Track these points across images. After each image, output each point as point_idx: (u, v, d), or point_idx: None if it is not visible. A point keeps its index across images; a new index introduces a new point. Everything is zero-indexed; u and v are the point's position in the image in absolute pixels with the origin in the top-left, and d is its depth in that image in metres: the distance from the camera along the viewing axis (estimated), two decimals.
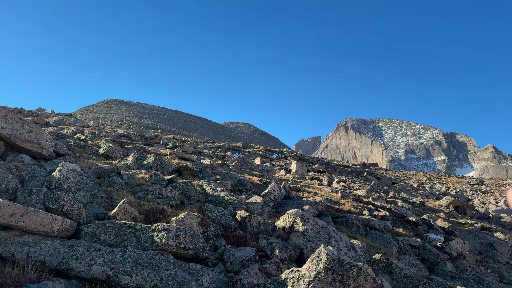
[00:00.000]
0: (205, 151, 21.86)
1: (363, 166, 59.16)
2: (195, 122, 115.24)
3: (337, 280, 4.26)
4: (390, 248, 8.18)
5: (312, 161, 43.17)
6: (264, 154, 31.37)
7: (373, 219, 10.04)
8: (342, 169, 42.41)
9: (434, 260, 8.82)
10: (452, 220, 17.77)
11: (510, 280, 10.68)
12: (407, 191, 37.82)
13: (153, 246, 4.99)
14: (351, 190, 18.21)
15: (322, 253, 4.40)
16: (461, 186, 65.15)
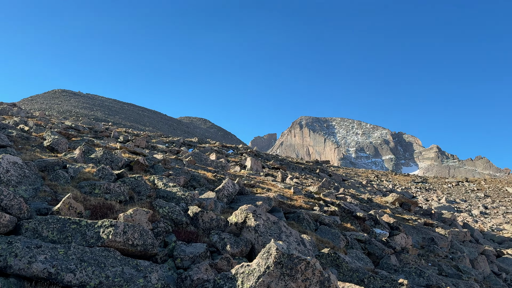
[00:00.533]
0: (159, 146, 21.40)
1: (316, 163, 60.64)
2: (149, 115, 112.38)
3: (286, 274, 4.34)
4: (338, 242, 8.45)
5: (267, 157, 43.60)
6: (219, 150, 31.25)
7: (323, 215, 10.32)
8: (296, 166, 43.22)
9: (380, 254, 9.22)
10: (397, 216, 18.67)
11: (448, 272, 11.42)
12: (357, 187, 39.27)
13: (99, 243, 4.82)
14: (303, 186, 18.59)
15: (272, 248, 4.46)
16: (407, 184, 68.62)
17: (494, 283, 13.68)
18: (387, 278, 6.58)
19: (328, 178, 37.47)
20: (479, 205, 52.09)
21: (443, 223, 23.36)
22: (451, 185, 68.33)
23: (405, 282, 6.69)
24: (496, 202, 55.21)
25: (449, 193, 61.74)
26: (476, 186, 67.24)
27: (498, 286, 13.07)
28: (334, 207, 12.17)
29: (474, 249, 18.60)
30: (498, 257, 20.43)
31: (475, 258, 15.91)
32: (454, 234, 19.26)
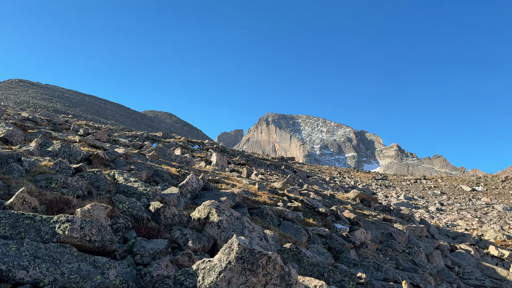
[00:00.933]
0: (121, 140, 20.85)
1: (281, 159, 61.27)
2: (112, 108, 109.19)
3: (247, 269, 4.37)
4: (301, 237, 8.60)
5: (233, 153, 43.58)
6: (185, 145, 30.89)
7: (286, 210, 10.45)
8: (262, 162, 43.47)
9: (340, 248, 9.46)
10: (358, 211, 19.20)
11: (405, 266, 11.89)
12: (320, 184, 40.02)
13: (54, 239, 4.64)
14: (268, 182, 18.74)
15: (234, 243, 4.46)
16: (368, 181, 70.73)
17: (447, 276, 14.39)
18: (346, 272, 6.76)
19: (293, 175, 37.96)
20: (436, 202, 54.53)
21: (401, 219, 24.26)
22: (409, 183, 71.09)
23: (363, 276, 6.90)
24: (452, 199, 57.99)
25: (408, 190, 64.23)
26: (433, 183, 70.34)
27: (450, 279, 13.75)
28: (298, 203, 12.35)
29: (430, 244, 19.46)
30: (452, 251, 21.48)
31: (431, 252, 16.65)
32: (411, 230, 20.04)
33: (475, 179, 75.26)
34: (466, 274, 17.22)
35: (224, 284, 4.33)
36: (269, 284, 4.44)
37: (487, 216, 46.66)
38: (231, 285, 4.35)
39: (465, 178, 78.94)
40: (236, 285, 4.36)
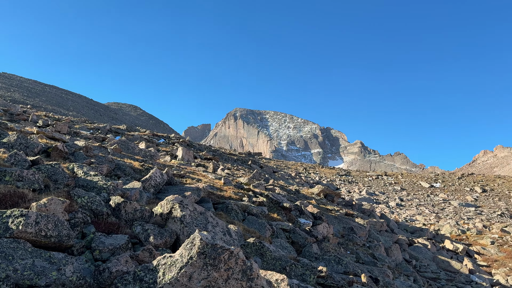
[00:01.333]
0: (83, 132, 20.16)
1: (248, 155, 61.40)
2: (73, 99, 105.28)
3: (209, 264, 4.35)
4: (264, 232, 8.67)
5: (200, 148, 43.22)
6: (150, 139, 30.29)
7: (251, 205, 10.49)
8: (229, 157, 43.38)
9: (303, 242, 9.62)
10: (322, 206, 19.58)
11: (365, 260, 12.26)
12: (286, 179, 40.49)
13: (7, 234, 4.44)
14: (234, 177, 18.73)
15: (196, 238, 4.44)
16: (332, 176, 72.24)
17: (405, 269, 14.98)
18: (307, 266, 6.88)
19: (260, 170, 38.14)
20: (396, 198, 56.50)
21: (362, 213, 24.97)
22: (371, 178, 73.22)
23: (324, 269, 7.06)
24: (411, 195, 60.27)
25: (370, 185, 66.15)
26: (394, 179, 72.80)
27: (408, 272, 14.32)
28: (263, 198, 12.43)
29: (389, 238, 20.17)
30: (410, 245, 22.37)
31: (390, 246, 17.27)
32: (372, 224, 20.68)
33: (434, 176, 78.58)
34: (423, 267, 18.00)
35: (185, 280, 4.30)
36: (231, 279, 4.45)
37: (444, 212, 48.86)
38: (192, 280, 4.33)
39: (424, 175, 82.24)
40: (198, 280, 4.34)
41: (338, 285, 6.90)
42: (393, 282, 9.48)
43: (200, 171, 15.40)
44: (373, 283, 8.08)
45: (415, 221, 39.73)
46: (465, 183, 70.57)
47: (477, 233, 33.19)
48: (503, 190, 65.25)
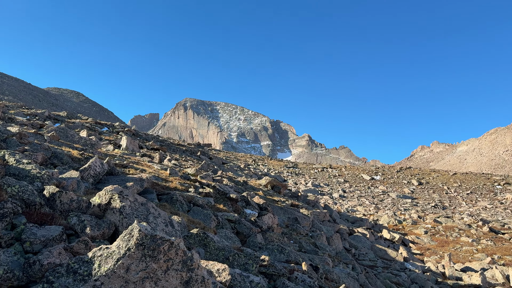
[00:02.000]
0: (18, 118, 18.83)
1: (198, 146, 60.74)
2: (10, 83, 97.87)
3: (148, 255, 4.26)
4: (210, 223, 8.64)
5: (147, 138, 42.03)
6: (92, 127, 28.95)
7: (197, 196, 10.41)
8: (177, 148, 42.64)
9: (247, 233, 9.72)
10: (268, 197, 19.89)
11: (307, 249, 12.64)
12: (235, 171, 40.60)
13: None
14: (182, 168, 18.46)
15: (134, 229, 4.32)
16: (280, 168, 73.55)
17: (344, 257, 15.64)
18: (250, 255, 6.96)
19: (209, 161, 37.91)
20: (339, 189, 58.74)
21: (307, 204, 25.69)
22: (317, 171, 75.50)
23: (266, 258, 7.18)
24: (353, 186, 62.96)
25: (315, 177, 68.21)
26: (338, 172, 75.59)
27: (347, 260, 14.95)
28: (210, 189, 12.37)
29: (331, 228, 20.95)
30: (350, 235, 23.39)
31: (331, 236, 17.93)
32: (315, 215, 21.36)
33: (374, 169, 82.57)
34: (361, 256, 18.90)
35: (122, 271, 4.18)
36: (171, 270, 4.39)
37: (383, 203, 51.61)
38: (129, 272, 4.21)
39: (366, 168, 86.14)
40: (136, 271, 4.23)
41: (279, 273, 7.06)
42: (333, 270, 9.87)
43: (145, 162, 14.99)
44: (313, 270, 8.35)
45: (356, 211, 41.59)
46: (403, 176, 74.93)
47: (412, 223, 35.45)
48: (437, 183, 70.13)
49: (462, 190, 64.53)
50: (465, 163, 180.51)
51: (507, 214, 48.33)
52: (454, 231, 32.63)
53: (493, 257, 23.36)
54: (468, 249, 26.12)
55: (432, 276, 17.32)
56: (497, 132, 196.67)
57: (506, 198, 58.90)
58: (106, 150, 15.91)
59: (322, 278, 8.69)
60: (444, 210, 49.25)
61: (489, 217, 44.20)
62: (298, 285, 7.32)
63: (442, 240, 29.14)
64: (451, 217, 40.82)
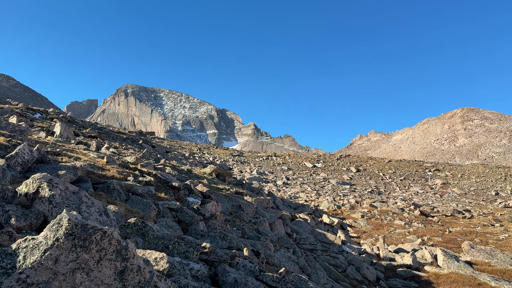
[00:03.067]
0: None
1: (140, 134, 58.86)
2: None
3: (79, 245, 4.06)
4: (149, 212, 8.43)
5: (84, 125, 39.93)
6: (23, 113, 26.91)
7: (137, 185, 10.10)
8: (117, 136, 41.02)
9: (189, 221, 9.63)
10: (213, 186, 19.84)
11: (250, 235, 12.81)
12: (179, 159, 39.94)
13: None
14: (121, 156, 17.80)
15: (63, 219, 4.08)
16: (226, 157, 73.55)
17: (286, 242, 16.07)
18: (191, 243, 6.91)
19: (151, 150, 36.93)
20: (283, 177, 60.03)
21: (252, 192, 26.00)
22: (262, 159, 76.51)
23: (207, 245, 7.17)
24: (296, 174, 64.67)
25: (260, 165, 69.11)
26: (282, 160, 77.17)
27: (288, 245, 15.37)
28: (150, 177, 12.05)
29: (274, 214, 21.40)
30: (292, 220, 24.05)
31: (274, 222, 18.32)
32: (259, 202, 21.69)
33: (316, 157, 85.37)
34: (302, 240, 19.54)
35: (50, 263, 3.95)
36: (104, 260, 4.22)
37: (323, 189, 53.59)
38: (58, 263, 3.99)
39: (308, 156, 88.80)
40: (65, 262, 4.02)
41: (220, 260, 7.08)
42: (274, 254, 10.10)
43: (80, 149, 14.24)
44: (254, 256, 8.48)
45: (298, 198, 42.85)
46: (342, 164, 78.24)
47: (350, 208, 37.23)
48: (373, 170, 74.09)
49: (396, 177, 68.80)
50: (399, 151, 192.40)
51: (436, 199, 52.42)
52: (389, 215, 34.78)
53: (423, 239, 25.27)
54: (401, 232, 28.00)
55: (368, 258, 18.36)
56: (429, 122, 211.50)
57: (436, 184, 63.80)
58: (38, 137, 14.89)
59: (263, 262, 8.86)
60: (380, 195, 52.27)
61: (420, 202, 47.65)
62: (239, 271, 7.40)
63: (377, 224, 30.96)
64: (386, 201, 43.43)
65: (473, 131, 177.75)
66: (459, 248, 22.31)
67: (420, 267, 17.53)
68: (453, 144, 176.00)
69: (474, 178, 67.76)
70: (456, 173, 72.18)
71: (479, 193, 57.22)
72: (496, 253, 19.34)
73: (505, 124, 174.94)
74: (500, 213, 38.42)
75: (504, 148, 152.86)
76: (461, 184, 63.43)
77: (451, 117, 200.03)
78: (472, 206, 45.15)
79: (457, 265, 16.98)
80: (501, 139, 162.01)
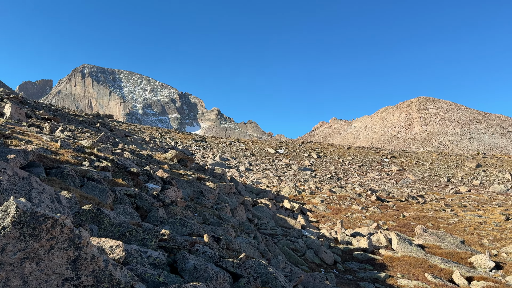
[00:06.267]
0: None
1: (97, 116, 56.85)
2: None
3: (27, 234, 3.87)
4: (106, 198, 8.20)
5: (37, 106, 37.97)
6: None
7: (92, 170, 9.77)
8: (73, 118, 39.40)
9: (148, 207, 9.46)
10: (174, 171, 19.60)
11: (211, 221, 12.80)
12: (139, 144, 39.04)
13: None
14: (76, 140, 17.13)
15: (11, 206, 3.87)
16: (188, 142, 72.74)
17: (247, 227, 16.22)
18: (150, 230, 6.80)
19: (109, 133, 35.84)
20: (246, 162, 60.30)
21: (214, 177, 25.94)
22: (225, 144, 76.35)
23: (166, 233, 7.08)
24: (259, 160, 65.14)
25: (223, 151, 68.97)
26: (245, 146, 77.38)
27: (249, 230, 15.53)
28: (107, 162, 11.69)
29: (236, 200, 21.50)
30: (254, 206, 24.27)
31: (235, 207, 18.41)
32: (221, 187, 21.69)
33: (279, 143, 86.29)
34: (263, 225, 19.80)
35: None
36: (55, 248, 4.06)
37: (285, 175, 54.40)
38: (5, 253, 3.79)
39: (271, 142, 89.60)
40: (13, 252, 3.83)
41: (180, 247, 7.03)
42: (234, 240, 10.16)
43: (32, 132, 13.56)
44: (215, 242, 8.49)
45: (260, 183, 43.27)
46: (304, 150, 79.63)
47: (310, 194, 38.09)
48: (334, 156, 75.99)
49: (355, 163, 71.02)
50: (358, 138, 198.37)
51: (392, 184, 54.68)
52: (347, 200, 35.94)
53: (379, 223, 26.34)
54: (358, 216, 29.06)
55: (326, 242, 18.93)
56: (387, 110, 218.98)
57: (391, 170, 66.47)
58: None
59: (224, 248, 8.90)
60: (339, 181, 53.83)
61: (377, 187, 49.56)
62: (199, 257, 7.38)
63: (336, 208, 31.93)
64: (344, 187, 44.79)
65: (428, 119, 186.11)
66: (412, 232, 23.47)
67: (376, 250, 18.31)
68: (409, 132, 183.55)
69: (428, 165, 71.20)
70: (411, 160, 75.49)
71: (432, 179, 60.26)
72: (446, 236, 20.55)
73: (458, 114, 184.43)
74: (451, 198, 40.73)
75: (456, 136, 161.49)
76: (416, 171, 66.48)
77: (408, 106, 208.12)
78: (425, 192, 47.52)
79: (410, 248, 17.88)
80: (454, 127, 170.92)
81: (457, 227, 25.77)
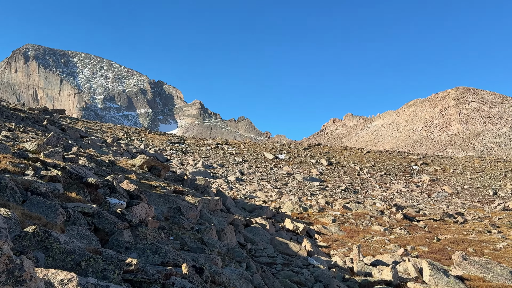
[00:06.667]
0: None
1: (45, 112, 56.67)
2: None
3: None
4: (55, 217, 8.16)
5: None
6: None
7: (38, 181, 9.72)
8: (13, 114, 39.32)
9: (111, 229, 9.42)
10: (144, 182, 19.56)
11: (191, 246, 12.77)
12: (98, 147, 38.92)
13: None
14: (17, 142, 17.06)
15: None
16: (162, 144, 72.66)
17: (237, 254, 16.20)
18: (112, 259, 6.77)
19: (60, 133, 35.77)
20: (236, 171, 60.32)
21: (195, 190, 25.92)
22: (210, 148, 76.38)
23: (134, 262, 7.04)
24: (253, 167, 65.21)
25: (207, 156, 68.98)
26: (236, 149, 77.44)
27: (240, 258, 15.51)
28: (58, 171, 11.65)
29: (224, 219, 21.49)
30: (246, 226, 24.28)
31: (223, 228, 18.40)
32: (205, 203, 21.67)
33: (279, 146, 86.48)
34: (259, 251, 19.80)
35: None
36: None
37: (287, 187, 54.51)
38: None
39: (269, 145, 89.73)
40: None
41: (151, 280, 6.99)
42: (222, 271, 10.14)
43: None
44: (196, 273, 8.47)
45: (255, 198, 43.33)
46: (311, 155, 79.87)
47: (319, 211, 38.18)
48: (348, 163, 76.30)
49: (376, 171, 71.36)
50: (380, 140, 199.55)
51: (423, 199, 54.97)
52: (365, 218, 36.06)
53: (406, 248, 26.43)
54: (380, 239, 29.14)
55: (339, 272, 18.96)
56: (416, 104, 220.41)
57: (422, 180, 66.81)
58: None
59: (208, 282, 8.88)
60: (355, 195, 54.05)
61: (404, 202, 49.80)
62: None
63: (352, 230, 32.01)
64: (362, 202, 44.96)
65: (469, 116, 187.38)
66: (449, 260, 23.57)
67: (402, 283, 18.36)
68: (445, 132, 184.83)
69: (469, 174, 71.68)
70: (448, 168, 75.98)
71: (474, 192, 60.64)
72: (492, 265, 20.67)
73: (507, 109, 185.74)
74: (498, 217, 40.98)
75: (505, 137, 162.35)
76: (453, 181, 66.91)
77: (443, 99, 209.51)
78: (465, 209, 47.80)
79: (446, 280, 17.96)
80: (502, 126, 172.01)
81: (506, 254, 25.95)
